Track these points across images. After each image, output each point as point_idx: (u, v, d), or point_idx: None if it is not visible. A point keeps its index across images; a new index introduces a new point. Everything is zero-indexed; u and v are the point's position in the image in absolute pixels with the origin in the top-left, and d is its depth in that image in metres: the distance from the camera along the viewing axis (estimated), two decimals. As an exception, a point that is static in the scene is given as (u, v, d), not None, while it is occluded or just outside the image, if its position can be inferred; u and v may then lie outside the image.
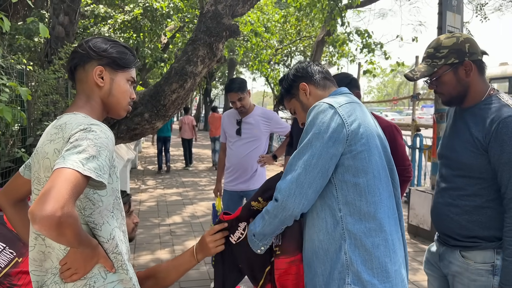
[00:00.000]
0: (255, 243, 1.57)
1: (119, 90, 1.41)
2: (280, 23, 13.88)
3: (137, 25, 10.29)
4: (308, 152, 1.41)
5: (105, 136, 1.21)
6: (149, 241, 4.84)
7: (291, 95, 1.71)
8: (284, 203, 1.41)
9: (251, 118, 3.50)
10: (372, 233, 1.40)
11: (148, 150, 15.97)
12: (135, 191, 7.82)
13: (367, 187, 1.41)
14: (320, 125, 1.42)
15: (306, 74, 1.68)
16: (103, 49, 1.38)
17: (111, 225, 1.29)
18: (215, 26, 4.05)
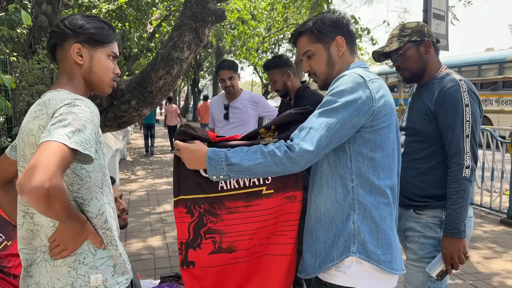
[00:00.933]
0: (220, 169, 1.41)
1: (99, 67, 1.39)
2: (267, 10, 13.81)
3: (122, 14, 10.16)
4: (334, 117, 1.38)
5: (89, 110, 1.21)
6: (140, 229, 4.84)
7: (320, 40, 1.57)
8: (299, 158, 1.36)
9: (238, 103, 3.51)
10: (381, 206, 1.44)
11: (137, 141, 15.88)
12: (125, 181, 7.79)
13: (381, 162, 1.44)
14: (350, 94, 1.39)
15: (347, 31, 1.58)
16: (79, 25, 1.35)
17: (100, 201, 1.29)
18: (201, 11, 4.02)
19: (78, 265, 1.25)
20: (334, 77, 1.52)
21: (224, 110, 3.52)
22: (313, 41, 1.57)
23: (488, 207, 5.59)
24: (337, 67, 1.57)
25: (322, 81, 1.61)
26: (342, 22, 1.57)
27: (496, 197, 5.61)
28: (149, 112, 4.25)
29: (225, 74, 3.46)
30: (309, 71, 1.62)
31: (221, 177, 1.42)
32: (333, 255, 1.45)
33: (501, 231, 4.84)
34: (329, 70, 1.58)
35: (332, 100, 1.42)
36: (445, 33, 4.91)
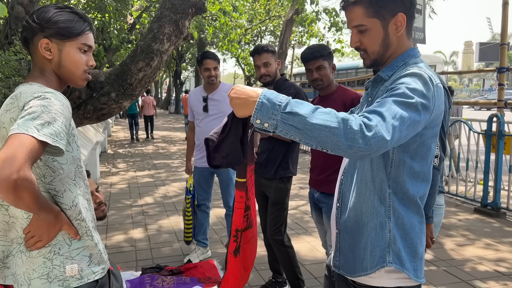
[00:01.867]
0: (272, 115, 1.13)
1: (69, 61, 1.37)
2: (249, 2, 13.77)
3: (101, 5, 9.99)
4: (408, 112, 1.20)
5: (60, 103, 1.22)
6: (121, 222, 4.84)
7: (378, 15, 1.35)
8: (374, 142, 1.11)
9: (217, 95, 3.53)
10: (411, 214, 1.39)
11: (118, 134, 15.72)
12: (106, 174, 7.73)
13: (419, 172, 1.38)
14: (423, 99, 1.24)
15: (410, 7, 1.38)
16: (46, 19, 1.33)
17: (73, 193, 1.31)
18: (181, 2, 4.01)
19: (54, 255, 1.27)
20: (386, 59, 1.41)
21: (203, 102, 3.54)
22: (370, 15, 1.35)
23: (463, 196, 5.76)
24: (392, 48, 1.40)
25: (371, 61, 1.43)
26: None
27: (471, 187, 5.78)
28: (129, 104, 4.23)
29: (211, 64, 3.51)
30: (358, 46, 1.41)
31: (266, 125, 1.14)
32: (367, 264, 1.39)
33: (474, 219, 4.99)
34: (382, 50, 1.39)
35: (407, 93, 1.22)
36: (422, 27, 5.00)
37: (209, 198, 3.74)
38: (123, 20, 11.26)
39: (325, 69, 2.55)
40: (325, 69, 2.55)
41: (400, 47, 1.40)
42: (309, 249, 4.00)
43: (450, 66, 62.86)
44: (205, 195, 3.70)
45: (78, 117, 4.02)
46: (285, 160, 2.90)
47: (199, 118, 3.59)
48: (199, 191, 3.68)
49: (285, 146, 2.89)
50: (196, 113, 3.62)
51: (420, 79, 1.26)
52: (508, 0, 4.84)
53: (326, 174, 2.53)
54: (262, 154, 3.02)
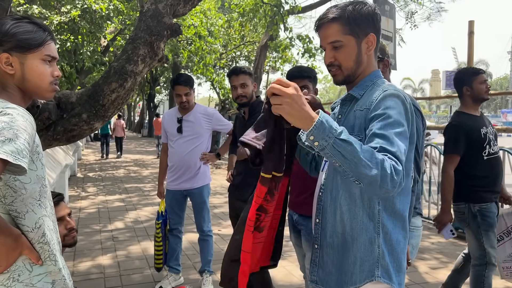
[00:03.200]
0: (326, 137, 1.19)
1: (33, 74, 1.31)
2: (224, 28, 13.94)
3: (74, 27, 9.91)
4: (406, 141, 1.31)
5: (23, 119, 1.16)
6: (90, 248, 4.65)
7: (353, 33, 1.42)
8: (398, 186, 1.22)
9: (191, 116, 3.49)
10: (397, 230, 1.42)
11: (89, 157, 15.35)
12: (75, 198, 7.48)
13: (404, 187, 1.38)
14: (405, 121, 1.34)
15: (379, 29, 1.46)
16: (3, 33, 1.27)
17: (37, 214, 1.23)
18: (156, 25, 3.99)
19: (12, 282, 1.18)
20: (356, 77, 1.47)
21: (177, 123, 3.49)
22: (346, 32, 1.41)
23: (435, 220, 5.83)
24: (362, 66, 1.47)
25: (343, 76, 1.47)
26: (376, 18, 1.46)
27: (442, 210, 5.86)
28: (101, 125, 4.13)
29: (182, 90, 3.42)
30: (332, 62, 1.46)
31: (316, 144, 1.20)
32: (356, 278, 1.41)
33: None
34: (355, 67, 1.46)
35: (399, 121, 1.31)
36: (393, 53, 5.15)
37: (181, 222, 3.64)
38: (97, 42, 11.18)
39: (309, 90, 2.56)
40: (309, 90, 2.56)
41: (369, 66, 1.49)
42: (284, 274, 3.93)
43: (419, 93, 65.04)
44: (177, 219, 3.60)
45: (47, 139, 3.88)
46: None
47: (173, 139, 3.53)
48: (172, 215, 3.58)
49: None
50: (170, 134, 3.56)
51: (399, 99, 1.35)
52: (473, 30, 5.07)
53: (304, 195, 2.51)
54: (238, 176, 2.98)
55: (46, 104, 3.64)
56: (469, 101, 2.91)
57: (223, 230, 5.45)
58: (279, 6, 9.24)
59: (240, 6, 11.74)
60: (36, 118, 3.64)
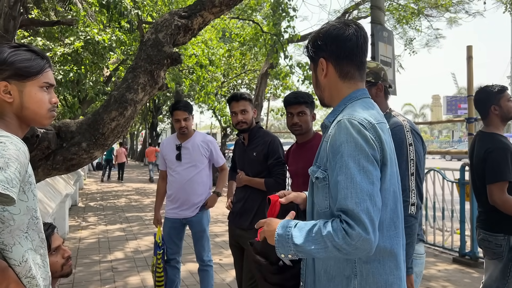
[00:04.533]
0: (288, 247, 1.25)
1: (32, 101, 1.29)
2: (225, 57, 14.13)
3: (78, 58, 10.05)
4: (368, 180, 1.24)
5: (15, 148, 1.13)
6: (88, 279, 4.55)
7: (311, 58, 1.46)
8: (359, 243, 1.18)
9: (190, 143, 3.47)
10: (387, 271, 1.28)
11: (90, 187, 15.29)
12: (75, 228, 7.39)
13: (384, 220, 1.29)
14: (370, 147, 1.26)
15: (333, 53, 1.38)
16: (1, 61, 1.26)
17: (23, 247, 1.19)
18: (156, 53, 4.04)
19: None
20: (328, 102, 1.45)
21: (176, 150, 3.47)
22: (309, 59, 1.48)
23: (441, 246, 5.72)
24: (327, 91, 1.43)
25: (319, 100, 1.51)
26: (328, 41, 1.37)
27: (448, 236, 5.76)
28: (101, 154, 4.11)
29: (181, 115, 3.43)
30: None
31: (290, 256, 1.26)
32: None
33: (454, 269, 4.92)
34: (319, 92, 1.46)
35: (355, 160, 1.24)
36: (393, 79, 5.17)
37: (179, 252, 3.56)
38: (99, 72, 11.33)
39: (306, 116, 2.57)
40: (306, 116, 2.57)
41: (338, 90, 1.40)
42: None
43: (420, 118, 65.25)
44: (175, 249, 3.52)
45: (46, 168, 3.86)
46: (261, 209, 2.82)
47: (172, 167, 3.50)
48: (170, 244, 3.49)
49: (261, 195, 2.81)
50: (169, 162, 3.53)
51: (353, 128, 1.25)
52: (471, 54, 5.10)
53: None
54: (238, 203, 2.93)
55: (45, 133, 3.63)
56: (497, 120, 2.62)
57: (224, 259, 5.35)
58: (279, 35, 9.38)
59: (240, 35, 11.94)
60: (36, 147, 3.63)
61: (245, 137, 2.95)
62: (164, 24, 4.21)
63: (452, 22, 12.64)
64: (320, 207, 1.36)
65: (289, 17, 9.09)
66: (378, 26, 5.10)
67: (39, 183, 4.95)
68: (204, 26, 4.67)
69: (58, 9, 12.17)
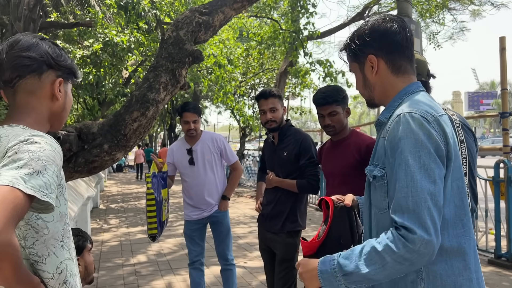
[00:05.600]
0: (337, 282, 1.18)
1: (70, 103, 1.27)
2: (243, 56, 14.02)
3: (97, 60, 10.07)
4: (430, 180, 1.17)
5: (51, 148, 1.02)
6: (112, 284, 4.47)
7: (355, 59, 1.39)
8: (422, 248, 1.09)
9: (200, 145, 3.38)
10: (455, 272, 1.19)
11: (111, 189, 15.37)
12: (97, 231, 7.37)
13: (450, 218, 1.20)
14: (432, 142, 1.18)
15: (381, 47, 1.31)
16: (64, 58, 1.22)
17: (59, 257, 1.08)
18: (177, 52, 3.93)
19: None
20: (379, 99, 1.36)
21: (188, 154, 3.35)
22: (351, 60, 1.41)
23: (476, 248, 5.46)
24: (378, 89, 1.35)
25: (366, 102, 1.43)
26: (376, 35, 1.31)
27: (481, 236, 5.51)
28: (122, 156, 4.03)
29: (190, 117, 3.33)
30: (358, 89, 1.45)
31: None
32: None
33: (490, 272, 4.69)
34: (367, 92, 1.39)
35: (415, 157, 1.17)
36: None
37: (203, 253, 3.43)
38: (118, 74, 11.34)
39: (339, 115, 2.38)
40: (338, 115, 2.38)
41: (391, 86, 1.33)
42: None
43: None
44: (199, 250, 3.40)
45: (68, 171, 3.78)
46: (293, 212, 2.67)
47: (185, 171, 3.39)
48: (193, 246, 3.38)
49: (293, 197, 2.66)
50: (182, 167, 3.40)
51: (414, 123, 1.17)
52: (505, 46, 4.85)
53: None
54: (268, 205, 2.79)
55: (67, 135, 3.55)
56: None
57: (249, 262, 5.20)
58: (298, 32, 9.20)
59: (258, 34, 11.80)
60: (57, 150, 3.58)
61: (275, 136, 2.80)
62: (184, 22, 4.11)
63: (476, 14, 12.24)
64: (379, 208, 1.28)
65: (308, 13, 8.90)
66: (405, 18, 4.89)
67: (61, 186, 4.92)
68: (225, 22, 4.55)
69: (77, 12, 12.25)
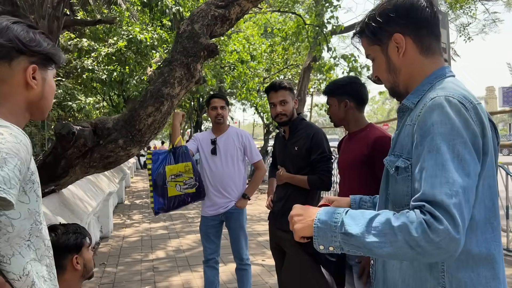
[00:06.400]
0: (333, 237, 1.05)
1: (51, 91, 1.19)
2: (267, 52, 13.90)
3: (121, 57, 10.18)
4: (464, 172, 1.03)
5: (15, 140, 0.96)
6: (129, 279, 4.47)
7: (375, 41, 1.24)
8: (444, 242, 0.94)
9: (225, 137, 3.36)
10: (482, 281, 1.05)
11: (137, 184, 15.58)
12: (119, 226, 7.44)
13: (480, 220, 1.06)
14: (469, 132, 1.06)
15: (409, 25, 1.18)
16: (37, 42, 1.12)
17: (25, 257, 1.01)
18: (192, 46, 3.87)
19: None
20: (404, 86, 1.22)
21: (212, 144, 3.31)
22: (370, 43, 1.25)
23: (505, 249, 5.19)
24: (404, 72, 1.21)
25: (388, 89, 1.29)
26: (402, 11, 1.17)
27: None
28: (138, 151, 4.01)
29: (218, 102, 3.37)
30: (376, 77, 1.31)
31: (331, 249, 1.06)
32: None
33: None
34: (392, 77, 1.24)
35: (450, 144, 1.03)
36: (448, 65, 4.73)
37: (218, 252, 3.38)
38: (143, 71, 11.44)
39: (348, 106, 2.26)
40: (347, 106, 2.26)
41: (419, 68, 1.19)
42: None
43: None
44: (214, 248, 3.34)
45: (84, 166, 3.79)
46: None
47: (207, 160, 3.35)
48: (208, 243, 3.33)
49: (304, 193, 2.56)
50: (204, 155, 3.39)
51: (451, 108, 1.03)
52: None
53: None
54: (278, 202, 2.69)
55: (81, 130, 3.55)
56: None
57: (267, 260, 5.12)
58: (322, 26, 9.02)
59: (282, 30, 11.65)
60: (72, 145, 3.57)
61: (286, 130, 2.70)
62: (200, 15, 4.04)
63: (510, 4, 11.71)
64: (398, 205, 1.14)
65: (332, 7, 8.71)
66: (431, 8, 4.67)
67: (80, 180, 4.95)
68: (242, 15, 4.45)
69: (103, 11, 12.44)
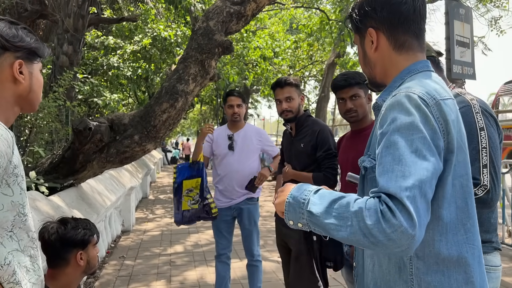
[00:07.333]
0: (300, 214, 1.03)
1: (38, 85, 1.22)
2: (292, 49, 13.84)
3: (146, 54, 10.35)
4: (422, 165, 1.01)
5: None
6: (146, 272, 4.56)
7: (356, 30, 1.22)
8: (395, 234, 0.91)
9: (242, 133, 3.34)
10: (453, 285, 1.02)
11: (163, 180, 15.85)
12: (142, 220, 7.59)
13: (450, 221, 1.03)
14: (428, 128, 1.03)
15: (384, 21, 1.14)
16: (19, 37, 1.16)
17: (6, 248, 1.05)
18: (207, 42, 3.89)
19: None
20: (381, 77, 1.19)
21: (228, 140, 3.32)
22: (354, 31, 1.24)
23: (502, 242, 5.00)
24: (379, 67, 1.18)
25: (368, 80, 1.27)
26: (378, 6, 1.13)
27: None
28: (153, 147, 4.08)
29: (234, 101, 3.34)
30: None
31: (300, 225, 1.04)
32: None
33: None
34: (368, 69, 1.22)
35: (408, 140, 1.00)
36: (471, 61, 4.58)
37: (230, 247, 3.39)
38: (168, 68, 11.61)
39: (361, 99, 2.21)
40: (360, 99, 2.21)
41: (393, 64, 1.16)
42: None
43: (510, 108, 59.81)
44: (226, 243, 3.35)
45: (101, 161, 3.89)
46: None
47: (220, 156, 3.35)
48: (220, 238, 3.34)
49: None
50: (219, 151, 3.37)
51: (410, 104, 1.00)
52: None
53: None
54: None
55: (98, 126, 3.64)
56: None
57: (283, 257, 5.12)
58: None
59: (307, 26, 11.58)
60: (89, 140, 3.66)
61: (292, 126, 2.68)
62: (215, 12, 4.06)
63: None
64: None
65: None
66: (453, 2, 4.54)
67: (101, 175, 5.07)
68: (257, 12, 4.45)
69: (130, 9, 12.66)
